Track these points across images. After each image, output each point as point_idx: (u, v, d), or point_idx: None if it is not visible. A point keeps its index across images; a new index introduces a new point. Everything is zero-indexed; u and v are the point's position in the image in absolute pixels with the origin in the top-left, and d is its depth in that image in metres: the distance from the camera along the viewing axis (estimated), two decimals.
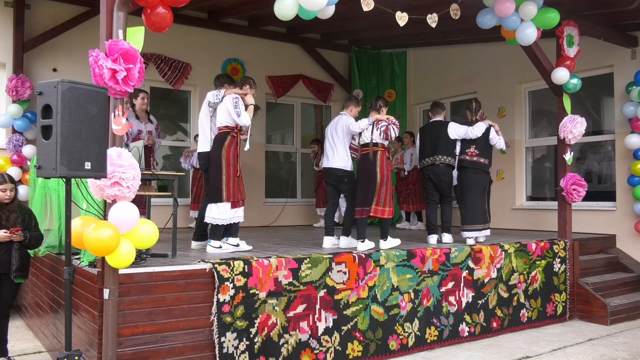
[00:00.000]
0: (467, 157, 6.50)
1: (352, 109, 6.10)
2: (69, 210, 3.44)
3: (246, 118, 5.37)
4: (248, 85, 5.59)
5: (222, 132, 5.38)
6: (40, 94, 3.31)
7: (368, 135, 5.83)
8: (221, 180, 5.25)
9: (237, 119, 5.32)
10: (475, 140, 6.50)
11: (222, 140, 5.34)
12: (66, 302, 3.43)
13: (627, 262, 7.30)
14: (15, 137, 7.70)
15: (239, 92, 5.45)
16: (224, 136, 5.35)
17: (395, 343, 5.11)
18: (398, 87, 10.84)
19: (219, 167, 5.28)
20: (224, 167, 5.27)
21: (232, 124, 5.37)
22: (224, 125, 5.38)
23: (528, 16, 5.79)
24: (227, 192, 5.26)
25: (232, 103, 5.31)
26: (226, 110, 5.35)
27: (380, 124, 5.80)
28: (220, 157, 5.29)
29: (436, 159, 6.49)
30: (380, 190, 5.69)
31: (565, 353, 5.22)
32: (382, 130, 5.76)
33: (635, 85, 7.31)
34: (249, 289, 4.33)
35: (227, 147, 5.31)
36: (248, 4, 8.31)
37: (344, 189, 6.06)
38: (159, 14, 3.88)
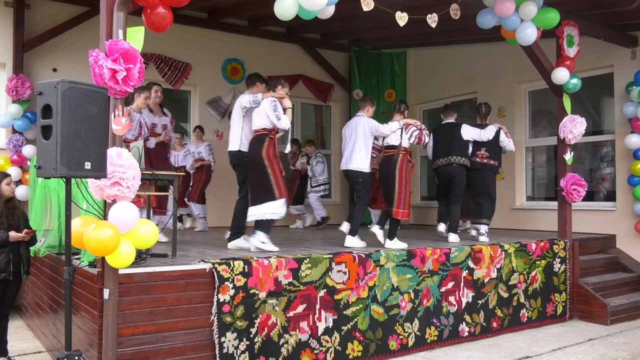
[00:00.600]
0: (478, 159, 6.83)
1: (369, 109, 6.21)
2: (69, 210, 3.44)
3: (286, 121, 5.49)
4: (280, 86, 5.68)
5: (260, 134, 5.48)
6: (40, 94, 3.31)
7: (396, 138, 5.95)
8: (269, 180, 5.36)
9: (277, 122, 5.43)
10: (486, 143, 6.81)
11: (260, 142, 5.44)
12: (66, 302, 3.43)
13: (627, 262, 7.30)
14: (15, 137, 7.70)
15: (277, 95, 5.57)
16: (263, 138, 5.45)
17: (395, 343, 5.11)
18: (398, 87, 10.84)
19: (263, 168, 5.38)
20: (268, 167, 5.37)
21: (269, 126, 5.48)
22: (261, 127, 5.49)
23: (528, 16, 5.79)
24: (279, 189, 5.37)
25: (271, 107, 5.43)
26: (264, 113, 5.45)
27: (410, 128, 5.99)
28: (262, 159, 5.39)
29: (451, 159, 6.74)
30: (400, 191, 5.87)
31: (565, 353, 5.22)
32: (415, 135, 5.99)
33: (635, 85, 7.31)
34: (249, 289, 4.33)
35: (266, 148, 5.41)
36: (248, 4, 8.31)
37: (358, 190, 6.16)
38: (159, 14, 3.88)
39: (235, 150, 5.73)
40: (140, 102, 6.18)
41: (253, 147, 5.49)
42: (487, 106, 7.15)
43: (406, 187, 5.91)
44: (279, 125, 5.45)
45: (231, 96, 9.60)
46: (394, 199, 5.88)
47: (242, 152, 5.68)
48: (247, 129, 5.68)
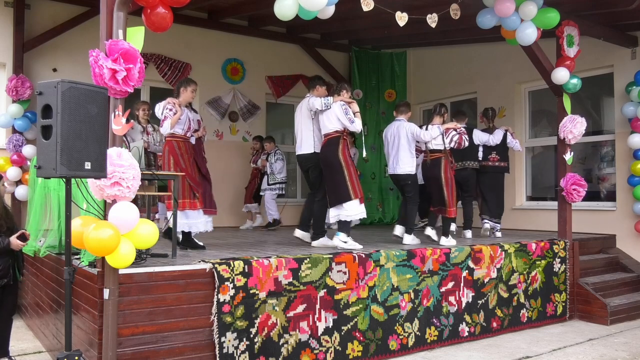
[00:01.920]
0: (490, 163, 7.32)
1: (408, 114, 6.59)
2: (69, 210, 3.44)
3: (359, 124, 5.71)
4: (344, 90, 5.87)
5: (333, 136, 5.71)
6: (40, 94, 3.31)
7: (438, 143, 6.33)
8: (345, 181, 5.58)
9: (350, 125, 5.65)
10: (495, 147, 7.27)
11: (336, 144, 5.67)
12: (66, 302, 3.43)
13: (627, 262, 7.30)
14: (15, 137, 7.70)
15: (347, 100, 5.80)
16: (337, 140, 5.69)
17: (395, 343, 5.11)
18: (398, 87, 10.84)
19: (339, 169, 5.60)
20: (344, 168, 5.60)
21: (341, 129, 5.69)
22: (333, 130, 5.70)
23: (528, 16, 5.79)
24: (354, 190, 5.59)
25: (343, 110, 5.66)
26: (335, 117, 5.68)
27: (450, 132, 6.36)
28: (339, 160, 5.61)
29: (465, 164, 7.18)
30: (449, 192, 6.30)
31: (565, 353, 5.22)
32: (455, 140, 6.37)
33: (635, 85, 7.31)
34: (249, 289, 4.33)
35: (342, 150, 5.65)
36: (248, 4, 8.31)
37: (408, 191, 6.43)
38: (159, 14, 3.88)
39: (310, 152, 5.90)
40: (187, 95, 5.67)
41: (328, 149, 5.70)
42: (492, 110, 7.67)
43: (452, 187, 6.32)
44: (352, 128, 5.67)
45: (231, 96, 9.61)
46: (445, 200, 6.29)
47: (318, 154, 5.87)
48: (317, 131, 5.89)
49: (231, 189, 9.46)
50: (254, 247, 5.87)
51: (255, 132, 9.78)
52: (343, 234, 5.62)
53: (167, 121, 5.36)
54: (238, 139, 9.78)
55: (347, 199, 5.58)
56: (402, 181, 6.42)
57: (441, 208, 6.39)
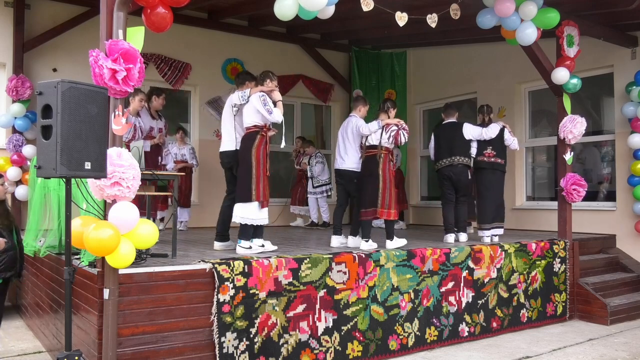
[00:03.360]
0: (485, 159, 6.71)
1: (361, 109, 6.20)
2: (69, 210, 3.44)
3: (278, 114, 5.29)
4: (268, 79, 5.45)
5: (251, 131, 5.32)
6: (40, 94, 3.31)
7: (376, 137, 5.89)
8: (251, 180, 5.19)
9: (269, 116, 5.23)
10: (492, 142, 6.70)
11: (251, 140, 5.27)
12: (66, 302, 3.43)
13: (627, 262, 7.30)
14: (15, 137, 7.70)
15: (265, 89, 5.37)
16: (254, 135, 5.29)
17: (395, 343, 5.11)
18: (398, 87, 10.83)
19: (248, 167, 5.21)
20: (253, 167, 5.21)
21: (260, 123, 5.31)
22: (252, 124, 5.31)
23: (528, 16, 5.79)
24: (257, 192, 5.19)
25: (261, 102, 5.22)
26: (254, 110, 5.28)
27: (390, 128, 5.87)
28: (251, 157, 5.22)
29: (454, 159, 6.65)
30: (384, 192, 5.76)
31: (565, 353, 5.22)
32: (392, 135, 5.85)
33: (635, 85, 7.31)
34: (249, 289, 4.33)
35: (257, 146, 5.25)
36: (248, 4, 8.31)
37: (354, 190, 6.13)
38: (159, 14, 3.88)
39: (232, 150, 5.51)
40: (135, 104, 6.35)
41: (243, 144, 5.33)
42: (488, 106, 7.17)
43: (391, 187, 5.81)
44: (271, 119, 5.26)
45: None
46: (380, 200, 5.75)
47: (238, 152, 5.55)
48: (239, 128, 5.51)
49: None
50: None
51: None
52: (243, 240, 5.18)
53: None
54: None
55: (247, 199, 5.18)
56: (348, 178, 6.10)
57: (369, 210, 5.77)
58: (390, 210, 5.77)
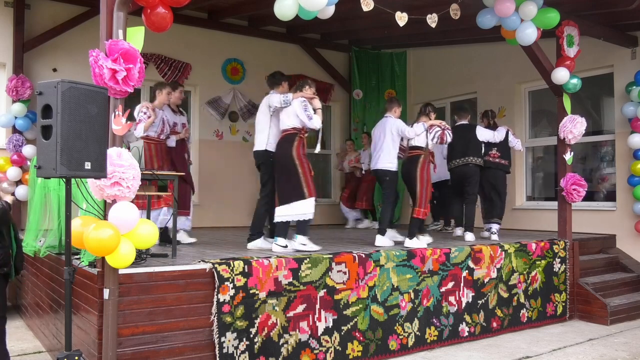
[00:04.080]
0: (490, 159, 7.14)
1: (396, 110, 6.38)
2: (69, 210, 3.43)
3: (318, 121, 5.51)
4: (307, 86, 5.69)
5: (289, 133, 5.50)
6: (40, 94, 3.30)
7: (421, 139, 6.12)
8: (299, 179, 5.37)
9: (308, 122, 5.45)
10: (497, 143, 7.16)
11: (290, 142, 5.46)
12: (66, 302, 3.43)
13: (627, 262, 7.30)
14: (15, 137, 7.70)
15: (307, 95, 5.59)
16: (292, 137, 5.48)
17: (395, 343, 5.11)
18: (398, 87, 10.83)
19: (293, 167, 5.40)
20: (299, 167, 5.40)
21: (299, 126, 5.50)
22: (291, 127, 5.50)
23: (528, 16, 5.79)
24: (309, 188, 5.38)
25: (302, 107, 5.45)
26: (294, 113, 5.48)
27: (434, 129, 6.17)
28: (293, 158, 5.41)
29: (468, 160, 6.98)
30: (422, 191, 6.05)
31: (565, 353, 5.22)
32: (437, 135, 6.16)
33: (635, 85, 7.31)
34: (249, 289, 4.33)
35: (296, 148, 5.44)
36: (248, 4, 8.31)
37: (385, 188, 6.28)
38: (159, 14, 3.88)
39: (262, 150, 5.74)
40: (163, 98, 6.07)
41: (282, 147, 5.51)
42: (492, 111, 7.77)
43: (427, 187, 6.08)
44: (310, 125, 5.47)
45: (231, 96, 9.60)
46: (417, 199, 6.06)
47: (269, 152, 5.71)
48: (274, 129, 5.71)
49: (231, 188, 9.46)
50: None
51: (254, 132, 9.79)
52: (302, 236, 5.37)
53: (141, 124, 5.62)
54: (238, 139, 9.77)
55: (301, 197, 5.35)
56: (380, 177, 6.26)
57: (413, 208, 6.12)
58: (424, 210, 6.07)
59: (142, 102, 5.87)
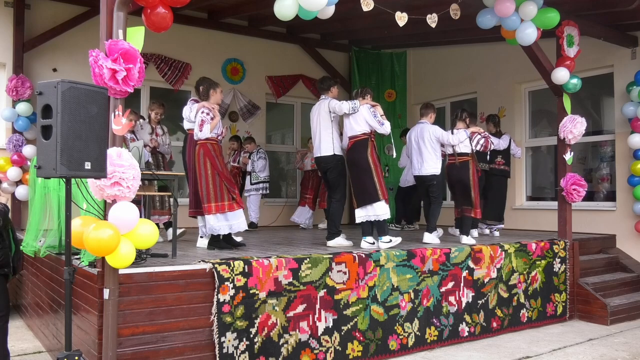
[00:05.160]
0: (496, 166, 7.57)
1: (432, 116, 6.71)
2: (69, 210, 3.44)
3: (388, 126, 5.83)
4: (369, 95, 5.99)
5: (362, 138, 5.80)
6: (40, 94, 3.30)
7: (466, 145, 6.47)
8: (374, 182, 5.69)
9: (380, 128, 5.78)
10: (501, 151, 7.51)
11: (365, 146, 5.78)
12: (66, 302, 3.43)
13: (627, 262, 7.30)
14: (15, 137, 7.71)
15: (372, 103, 5.90)
16: (366, 142, 5.79)
17: (395, 343, 5.11)
18: (398, 87, 10.83)
19: (369, 170, 5.72)
20: (373, 170, 5.72)
21: (369, 131, 5.81)
22: (361, 132, 5.80)
23: (528, 16, 5.79)
24: (382, 191, 5.70)
25: (371, 113, 5.79)
26: (363, 119, 5.78)
27: (476, 136, 6.61)
28: (368, 161, 5.73)
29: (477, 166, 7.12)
30: (477, 194, 6.48)
31: (565, 353, 5.22)
32: (481, 143, 6.65)
33: (635, 85, 7.31)
34: (249, 289, 4.33)
35: (370, 151, 5.77)
36: (248, 4, 8.31)
37: (432, 192, 6.59)
38: (159, 14, 3.88)
39: (330, 154, 5.92)
40: (217, 97, 5.68)
41: (357, 151, 5.78)
42: (498, 117, 7.97)
43: (478, 189, 6.53)
44: (381, 131, 5.78)
45: (231, 96, 9.60)
46: (472, 201, 6.44)
47: (337, 156, 5.92)
48: (336, 133, 5.95)
49: None
50: (254, 247, 5.87)
51: (255, 132, 9.79)
52: (385, 236, 5.71)
53: (207, 125, 5.42)
54: None
55: (376, 199, 5.69)
56: (427, 182, 6.55)
57: (467, 208, 6.50)
58: (479, 210, 6.53)
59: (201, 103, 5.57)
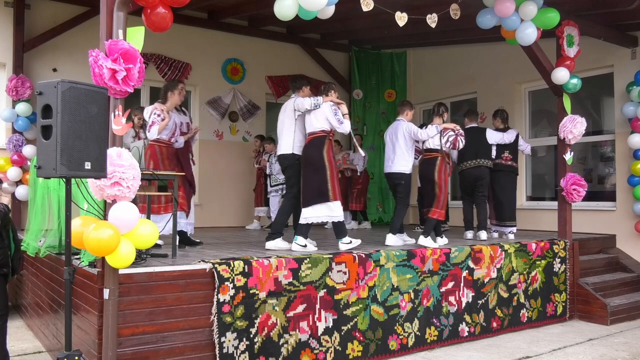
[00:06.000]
0: (503, 162, 7.17)
1: (408, 113, 6.44)
2: (69, 210, 3.43)
3: (348, 126, 5.63)
4: (333, 90, 5.77)
5: (319, 136, 5.57)
6: (40, 94, 3.30)
7: (435, 142, 6.20)
8: (327, 181, 5.46)
9: (339, 126, 5.57)
10: (508, 147, 7.17)
11: (321, 144, 5.55)
12: (66, 302, 3.43)
13: (627, 262, 7.30)
14: (15, 137, 7.71)
15: (335, 101, 5.71)
16: (322, 140, 5.56)
17: (395, 343, 5.11)
18: (398, 87, 10.84)
19: (322, 169, 5.48)
20: (327, 169, 5.49)
21: (328, 129, 5.59)
22: (320, 129, 5.58)
23: (528, 16, 5.79)
24: (333, 191, 5.47)
25: (332, 111, 5.57)
26: (324, 117, 5.57)
27: (448, 133, 6.20)
28: (323, 159, 5.50)
29: (480, 162, 6.98)
30: (440, 193, 6.14)
31: (565, 353, 5.22)
32: (450, 140, 6.19)
33: (635, 85, 7.31)
34: (249, 289, 4.33)
35: (327, 150, 5.55)
36: (248, 4, 8.31)
37: (399, 192, 6.32)
38: (159, 14, 3.88)
39: (289, 153, 5.77)
40: (175, 99, 5.73)
41: (312, 149, 5.57)
42: (506, 112, 7.63)
43: (445, 189, 6.17)
44: (340, 130, 5.59)
45: (231, 96, 9.61)
46: (434, 200, 6.14)
47: (296, 155, 5.76)
48: (299, 133, 5.79)
49: (231, 188, 9.47)
50: (254, 246, 5.86)
51: (255, 132, 9.79)
52: (345, 237, 5.50)
53: (155, 127, 5.48)
54: (238, 139, 9.78)
55: (326, 199, 5.43)
56: (395, 180, 6.29)
57: (431, 210, 6.17)
58: (440, 211, 6.15)
59: (155, 104, 5.66)
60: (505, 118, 7.42)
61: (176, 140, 5.87)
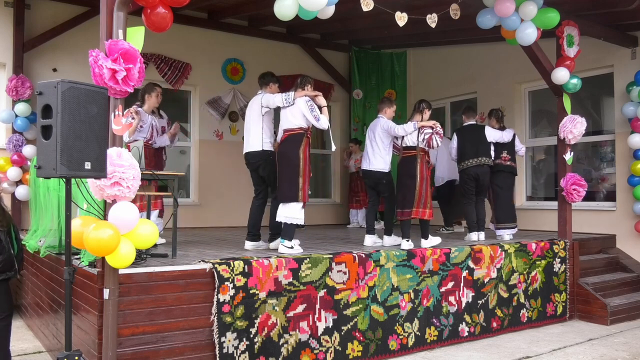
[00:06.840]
0: (502, 162, 7.05)
1: (387, 111, 6.26)
2: (69, 210, 3.44)
3: (325, 121, 5.38)
4: (309, 84, 5.51)
5: (296, 133, 5.34)
6: (40, 94, 3.30)
7: (413, 139, 5.92)
8: (298, 181, 5.24)
9: (316, 123, 5.32)
10: (506, 146, 7.05)
11: (297, 142, 5.31)
12: (66, 302, 3.43)
13: (627, 262, 7.30)
14: (15, 137, 7.70)
15: (311, 94, 5.43)
16: (299, 137, 5.32)
17: (395, 343, 5.11)
18: (398, 87, 10.83)
19: (296, 167, 5.26)
20: (301, 168, 5.26)
21: (305, 126, 5.35)
22: (297, 126, 5.35)
23: (528, 16, 5.79)
24: (303, 192, 5.26)
25: (308, 107, 5.31)
26: (300, 113, 5.33)
27: (425, 130, 5.89)
28: (298, 158, 5.27)
29: (481, 160, 6.84)
30: (421, 192, 5.83)
31: (565, 353, 5.22)
32: (425, 138, 5.88)
33: (635, 85, 7.31)
34: (249, 289, 4.33)
35: (303, 148, 5.30)
36: (248, 4, 8.31)
37: (383, 190, 6.20)
38: (159, 14, 3.88)
39: (259, 150, 5.58)
40: (152, 101, 5.90)
41: (289, 146, 5.33)
42: (502, 112, 7.51)
43: (427, 187, 5.89)
44: (318, 126, 5.35)
45: (231, 96, 9.60)
46: (416, 200, 5.82)
47: (267, 151, 5.59)
48: (266, 128, 5.59)
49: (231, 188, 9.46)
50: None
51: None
52: (286, 240, 5.21)
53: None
54: (238, 139, 9.75)
55: (294, 199, 5.23)
56: (375, 179, 6.13)
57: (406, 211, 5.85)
58: (425, 210, 5.86)
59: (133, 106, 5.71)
60: (500, 117, 7.28)
61: (155, 142, 5.93)
